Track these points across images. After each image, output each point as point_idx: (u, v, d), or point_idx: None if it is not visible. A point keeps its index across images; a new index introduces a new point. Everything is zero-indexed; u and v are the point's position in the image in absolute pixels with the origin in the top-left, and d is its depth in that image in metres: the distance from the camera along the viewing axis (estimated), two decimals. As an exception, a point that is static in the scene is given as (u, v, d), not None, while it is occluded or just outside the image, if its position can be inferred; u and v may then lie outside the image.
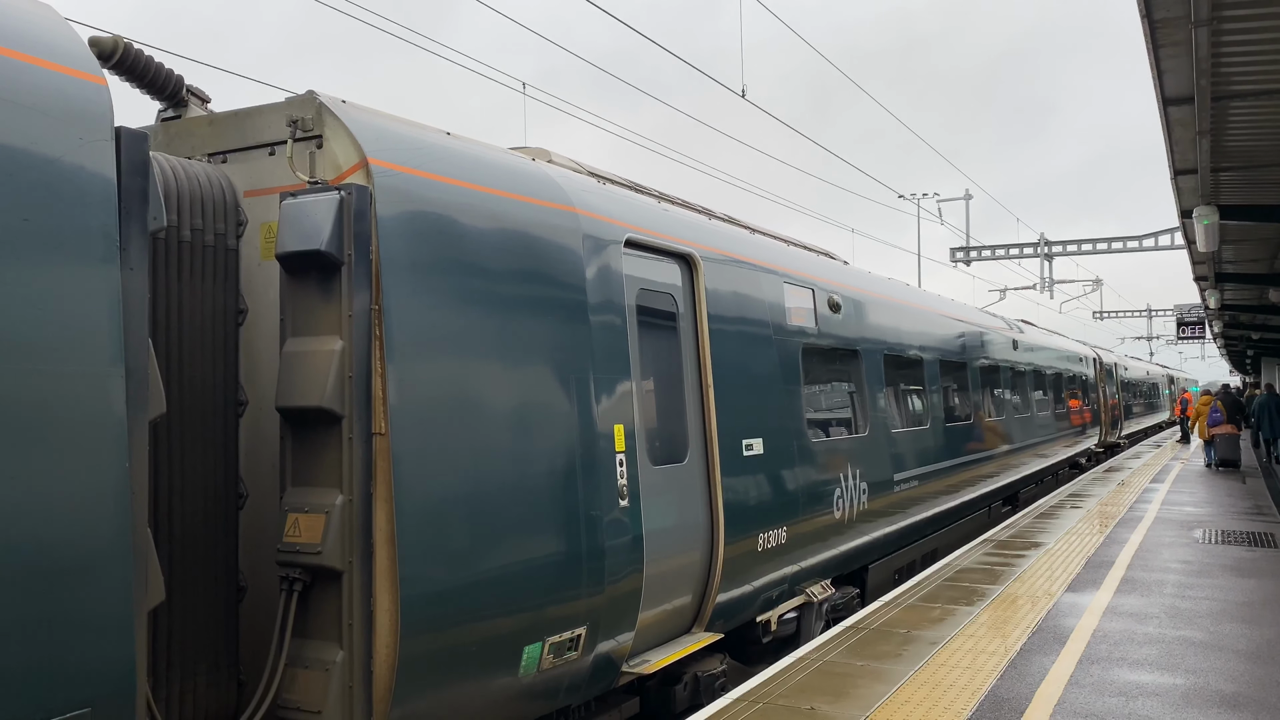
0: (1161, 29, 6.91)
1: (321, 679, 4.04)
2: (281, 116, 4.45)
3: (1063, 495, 16.14)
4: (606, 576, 5.19)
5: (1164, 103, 8.58)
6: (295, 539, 4.09)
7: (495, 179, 4.98)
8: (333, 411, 4.07)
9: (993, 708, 5.50)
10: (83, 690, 2.98)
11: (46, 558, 2.90)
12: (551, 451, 4.92)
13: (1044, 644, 6.80)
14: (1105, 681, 5.98)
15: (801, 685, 5.89)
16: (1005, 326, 16.09)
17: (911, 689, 5.82)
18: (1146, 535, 11.75)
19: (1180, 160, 10.50)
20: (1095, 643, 6.82)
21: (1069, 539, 11.48)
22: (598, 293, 5.44)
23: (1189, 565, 9.68)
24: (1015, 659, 6.42)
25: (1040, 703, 5.60)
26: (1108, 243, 28.73)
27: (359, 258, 4.15)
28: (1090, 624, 7.35)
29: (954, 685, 5.90)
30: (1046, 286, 32.46)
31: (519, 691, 4.78)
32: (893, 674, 6.11)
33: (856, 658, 6.46)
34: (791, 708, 5.49)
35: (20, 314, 2.92)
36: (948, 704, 5.56)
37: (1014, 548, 10.85)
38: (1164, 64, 7.61)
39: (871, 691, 5.78)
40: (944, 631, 7.13)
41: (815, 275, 8.41)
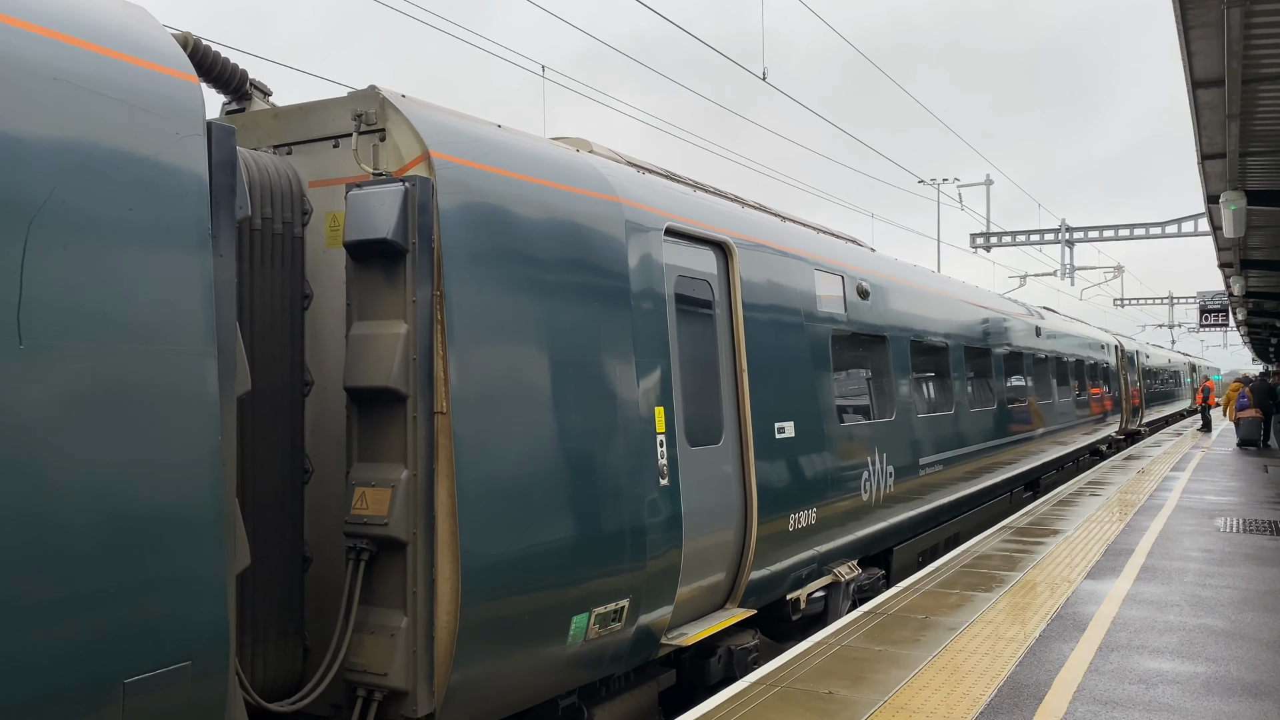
0: (1192, 9, 6.88)
1: (387, 644, 4.33)
2: (345, 111, 4.70)
3: (1082, 483, 16.22)
4: (648, 552, 5.46)
5: (1193, 85, 8.50)
6: (362, 511, 4.37)
7: (544, 170, 5.22)
8: (398, 391, 4.34)
9: (1011, 694, 5.53)
10: (184, 644, 3.27)
11: (154, 522, 3.19)
12: (598, 432, 5.18)
13: (1063, 631, 6.83)
14: (1125, 669, 6.00)
15: (820, 669, 5.95)
16: (1028, 313, 16.27)
17: (930, 674, 5.87)
18: (1167, 523, 11.75)
19: (1208, 144, 10.48)
20: (1115, 630, 6.85)
21: (1088, 526, 11.49)
22: (640, 280, 5.69)
23: (1210, 554, 9.71)
24: (1034, 645, 6.46)
25: (1060, 689, 5.61)
26: (1130, 229, 28.54)
27: (422, 246, 4.41)
28: (1110, 611, 7.39)
29: (972, 671, 5.94)
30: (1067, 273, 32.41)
31: (567, 659, 5.06)
32: (911, 659, 6.15)
33: (874, 642, 6.52)
34: (810, 691, 5.55)
35: (126, 297, 3.18)
36: (966, 689, 5.60)
37: (1033, 535, 10.87)
38: (1194, 45, 7.57)
39: (889, 676, 5.83)
40: (962, 617, 7.18)
41: (844, 262, 8.63)
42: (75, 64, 3.15)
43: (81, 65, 3.16)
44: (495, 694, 4.69)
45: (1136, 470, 18.40)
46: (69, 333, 2.99)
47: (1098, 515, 12.42)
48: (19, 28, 3.02)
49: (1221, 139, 10.08)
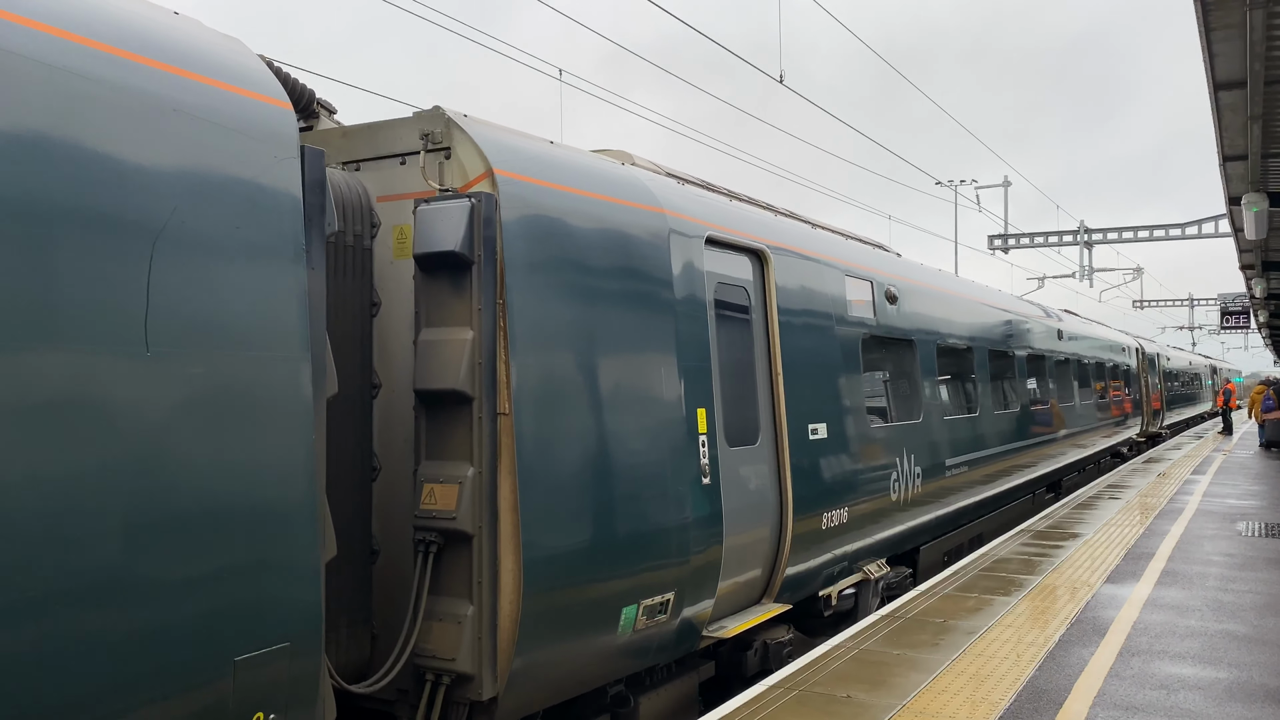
0: (1214, 11, 6.87)
1: (455, 630, 4.64)
2: (413, 130, 5.02)
3: (1101, 486, 16.21)
4: (692, 547, 5.76)
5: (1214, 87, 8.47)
6: (431, 506, 4.69)
7: (595, 184, 5.53)
8: (465, 393, 4.66)
9: (1031, 698, 5.51)
10: (284, 626, 3.58)
11: (259, 513, 3.50)
12: (646, 432, 5.49)
13: (1083, 635, 6.81)
14: (1146, 674, 5.98)
15: (838, 673, 5.97)
16: (1050, 316, 16.50)
17: (948, 678, 5.87)
18: (1188, 527, 11.65)
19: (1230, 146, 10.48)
20: (1135, 635, 6.82)
21: (1108, 530, 11.42)
22: (683, 287, 5.99)
23: (1232, 558, 9.64)
24: (1054, 650, 6.45)
25: (1079, 694, 5.57)
26: (1150, 230, 28.29)
27: (487, 258, 4.73)
28: (1130, 616, 7.35)
29: (991, 675, 5.92)
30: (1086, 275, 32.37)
31: (617, 649, 5.36)
32: (929, 663, 6.15)
33: (893, 646, 6.52)
34: (828, 695, 5.56)
35: (233, 308, 3.50)
36: (985, 694, 5.59)
37: (1052, 538, 10.82)
38: (1215, 47, 7.55)
39: (908, 680, 5.82)
40: (981, 621, 7.18)
41: (873, 268, 8.91)
42: (189, 96, 3.47)
43: (194, 97, 3.49)
44: (552, 680, 5.00)
45: (1157, 473, 18.38)
46: (186, 341, 3.32)
47: (1117, 519, 12.39)
48: (145, 64, 3.35)
49: (1243, 141, 10.09)
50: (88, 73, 3.14)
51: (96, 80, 3.16)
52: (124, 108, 3.23)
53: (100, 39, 3.23)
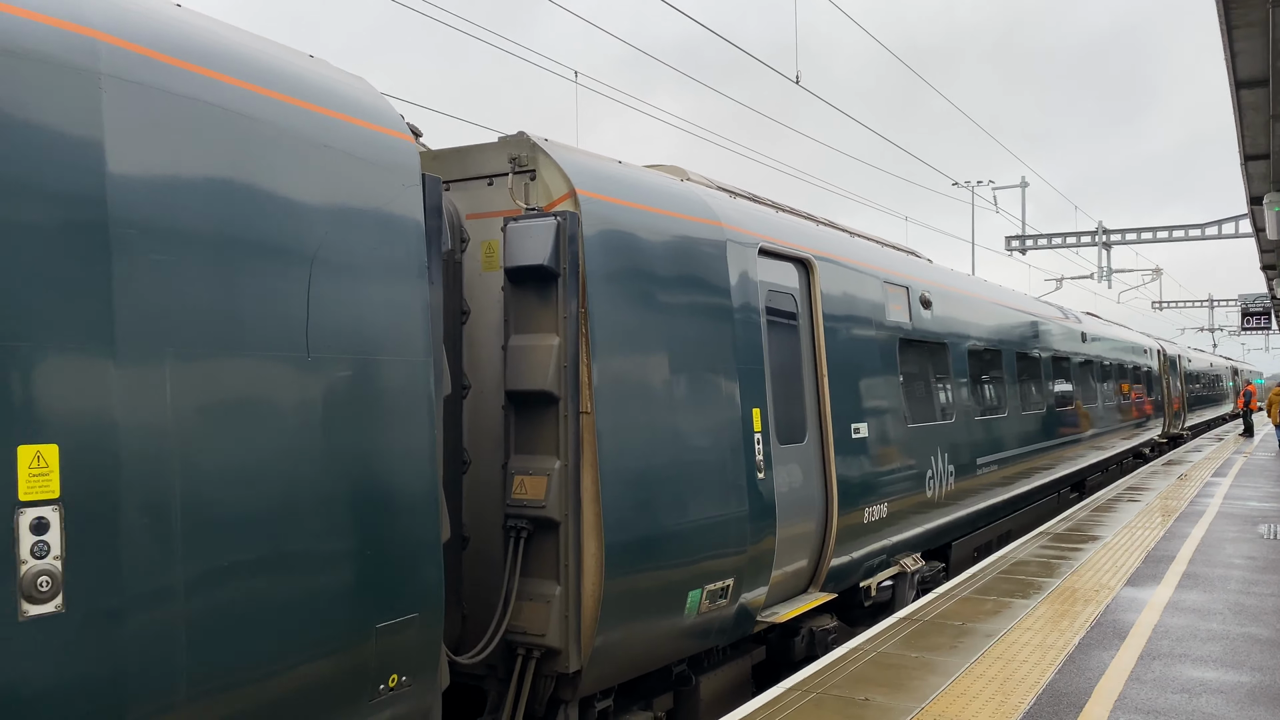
0: (1236, 9, 6.97)
1: (544, 609, 5.17)
2: (500, 154, 5.55)
3: (1121, 488, 16.32)
4: (749, 537, 6.28)
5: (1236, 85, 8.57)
6: (522, 496, 5.22)
7: (660, 200, 6.06)
8: (552, 394, 5.19)
9: (1051, 702, 5.51)
10: (414, 599, 4.12)
11: (393, 497, 4.04)
12: (709, 430, 6.01)
13: (1103, 638, 6.81)
14: (1167, 678, 5.98)
15: (856, 676, 6.03)
16: (1074, 319, 16.97)
17: (967, 681, 5.89)
18: (1209, 530, 11.61)
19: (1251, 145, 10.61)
20: (1156, 638, 6.82)
21: (1128, 532, 11.42)
22: (739, 295, 6.51)
23: (1254, 561, 9.63)
24: (1073, 653, 6.46)
25: (1100, 698, 5.58)
26: (1169, 231, 28.22)
27: (571, 270, 5.25)
28: (1151, 619, 7.36)
29: (1010, 678, 5.95)
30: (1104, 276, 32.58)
31: (683, 630, 5.89)
32: (948, 666, 6.19)
33: (911, 649, 6.57)
34: (846, 698, 5.60)
35: (372, 318, 4.04)
36: (1004, 697, 5.60)
37: (1071, 540, 10.81)
38: (1237, 45, 7.65)
39: (926, 684, 5.85)
40: (1000, 624, 7.20)
41: (909, 275, 9.42)
42: (332, 133, 4.00)
43: (336, 133, 4.02)
44: (627, 657, 5.52)
45: (1177, 475, 18.48)
46: (336, 347, 3.85)
47: (1137, 521, 12.40)
48: (298, 105, 3.88)
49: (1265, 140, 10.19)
50: (255, 115, 3.68)
51: (262, 122, 3.70)
52: (284, 146, 3.77)
53: (261, 84, 3.77)
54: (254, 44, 3.91)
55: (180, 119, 3.37)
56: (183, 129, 3.37)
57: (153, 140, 3.26)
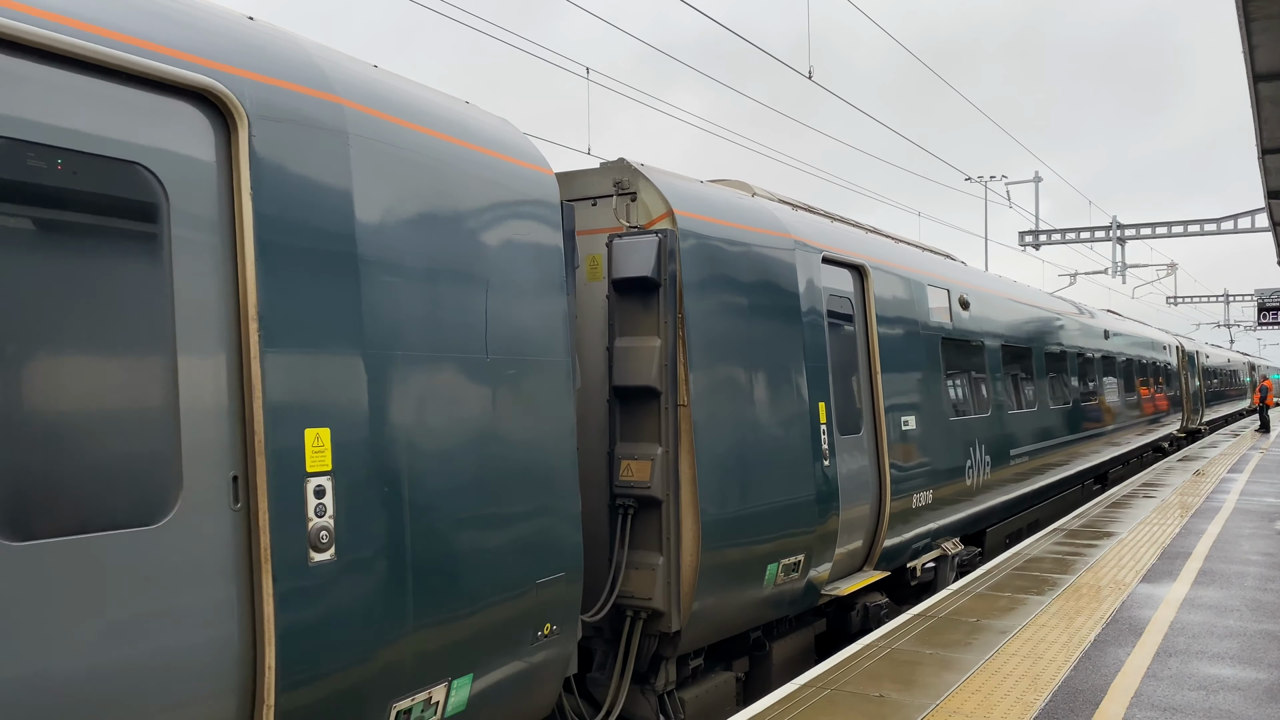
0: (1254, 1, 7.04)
1: (650, 576, 6.04)
2: (604, 178, 6.40)
3: (1136, 484, 16.53)
4: (817, 518, 7.14)
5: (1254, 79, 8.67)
6: (628, 478, 6.08)
7: (741, 216, 6.91)
8: (655, 389, 6.04)
9: (1066, 699, 5.57)
10: (560, 561, 4.97)
11: (546, 473, 4.89)
12: (785, 421, 6.87)
13: (1118, 635, 6.88)
14: (1184, 675, 6.03)
15: (870, 672, 6.13)
16: (1098, 317, 17.86)
17: (982, 678, 5.96)
18: (1225, 526, 11.67)
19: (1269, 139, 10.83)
20: (1173, 635, 6.87)
21: (1143, 529, 11.51)
22: (806, 300, 7.36)
23: (1270, 557, 9.70)
24: (1089, 650, 6.53)
25: (1116, 695, 5.62)
26: (1184, 226, 28.31)
27: (669, 281, 6.11)
28: (1167, 616, 7.41)
29: (1025, 675, 6.01)
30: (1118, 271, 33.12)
31: (761, 599, 6.75)
32: (962, 663, 6.26)
33: (925, 646, 6.66)
34: (860, 694, 5.69)
35: (529, 326, 4.89)
36: (1019, 694, 5.65)
37: (1085, 537, 10.91)
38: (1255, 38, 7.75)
39: (940, 680, 5.93)
40: (1014, 621, 7.29)
41: (949, 278, 10.27)
42: (497, 171, 4.85)
43: (499, 171, 4.87)
44: (717, 621, 6.39)
45: (1193, 471, 18.67)
46: (506, 349, 4.71)
47: (1152, 517, 12.50)
48: (473, 149, 4.73)
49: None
50: (446, 160, 4.53)
51: (451, 166, 4.55)
52: (466, 185, 4.62)
53: (448, 133, 4.62)
54: (436, 97, 4.76)
55: (398, 167, 4.23)
56: (400, 175, 4.23)
57: (381, 186, 4.12)
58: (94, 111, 3.18)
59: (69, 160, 3.11)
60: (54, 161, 3.08)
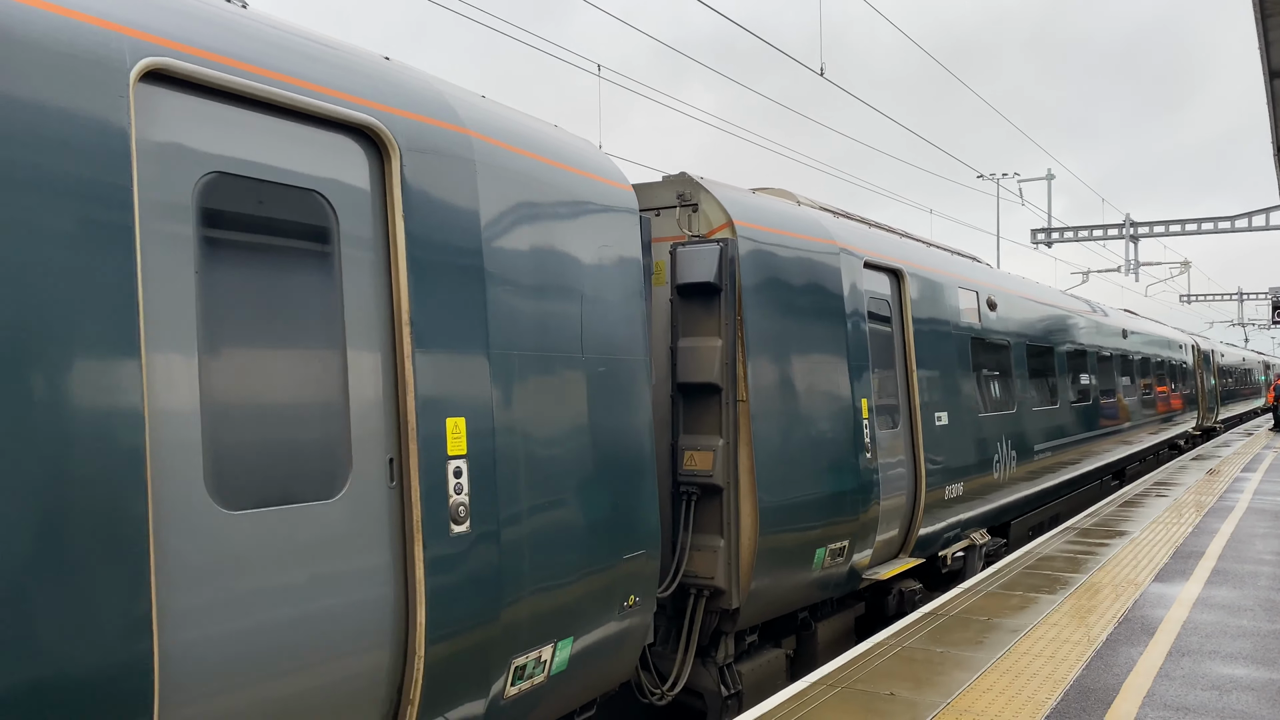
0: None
1: (712, 557, 6.65)
2: (667, 190, 7.01)
3: (1149, 483, 16.62)
4: (860, 506, 7.75)
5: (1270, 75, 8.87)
6: (692, 467, 6.69)
7: (792, 225, 7.51)
8: (716, 385, 6.65)
9: (1078, 698, 5.60)
10: (641, 540, 5.58)
11: (631, 460, 5.50)
12: (832, 415, 7.47)
13: (1131, 634, 6.93)
14: (1197, 674, 6.07)
15: (880, 670, 6.20)
16: (1116, 317, 18.46)
17: (993, 677, 6.01)
18: (1238, 525, 11.72)
19: None
20: (1185, 634, 6.91)
21: (1155, 528, 11.57)
22: (850, 303, 7.97)
23: None
24: (1101, 649, 6.57)
25: (1128, 694, 5.65)
26: (1197, 223, 28.64)
27: (729, 285, 6.71)
28: (1180, 615, 7.45)
29: (1037, 674, 6.05)
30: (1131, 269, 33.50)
31: (809, 582, 7.36)
32: (973, 661, 6.33)
33: (936, 644, 6.72)
34: (871, 692, 5.76)
35: (616, 328, 5.49)
36: (1031, 693, 5.69)
37: (1097, 536, 10.98)
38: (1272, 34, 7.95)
39: (951, 679, 5.98)
40: (1025, 620, 7.34)
41: (978, 280, 10.87)
42: (588, 188, 5.46)
43: (590, 189, 5.48)
44: (772, 600, 7.00)
45: (1206, 470, 18.74)
46: (596, 349, 5.32)
47: (1165, 516, 12.58)
48: (568, 170, 5.34)
49: None
50: (548, 180, 5.13)
51: (552, 185, 5.15)
52: (564, 202, 5.22)
53: (548, 156, 5.22)
54: (534, 123, 5.37)
55: (512, 189, 4.84)
56: (512, 196, 4.84)
57: (499, 206, 4.73)
58: (284, 148, 3.80)
59: (266, 190, 3.73)
60: (255, 191, 3.70)
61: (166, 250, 3.37)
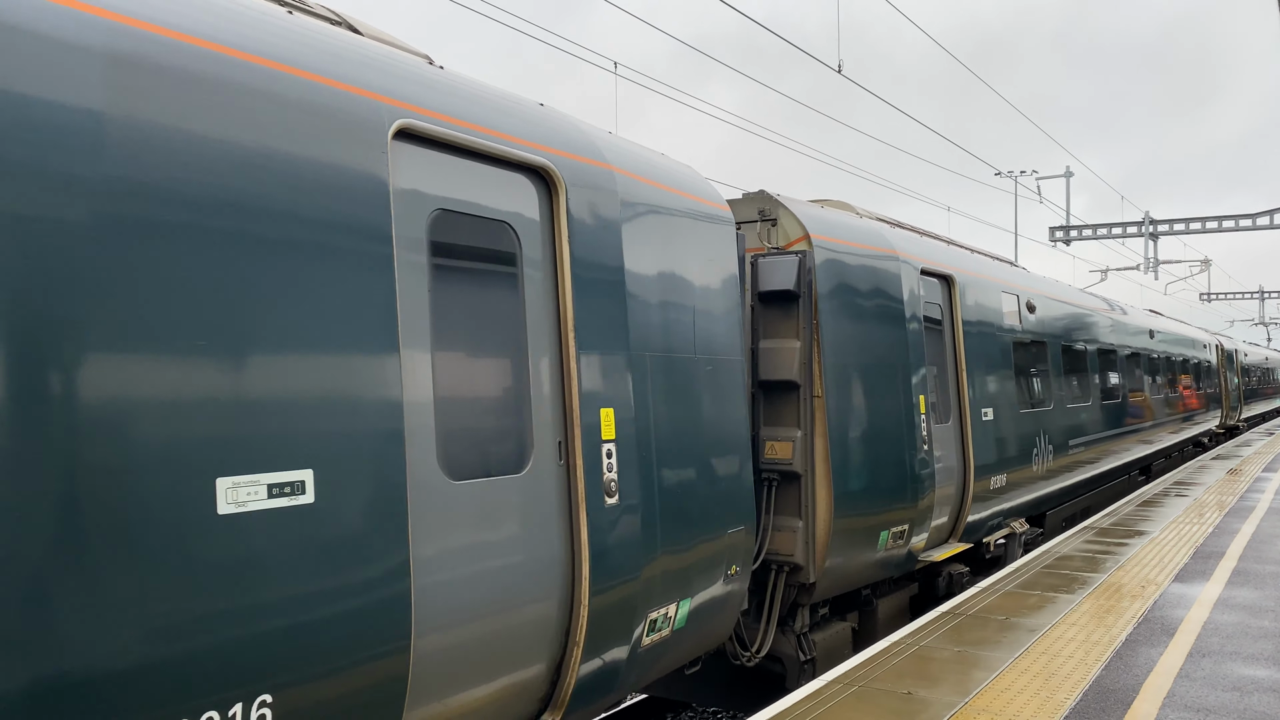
0: None
1: (791, 537, 7.55)
2: (748, 206, 7.91)
3: (1168, 483, 16.77)
4: (918, 494, 8.64)
5: None
6: (773, 456, 7.59)
7: (859, 237, 8.40)
8: (795, 382, 7.54)
9: (1098, 698, 5.63)
10: (741, 517, 6.48)
11: (735, 446, 6.40)
12: (895, 410, 8.37)
13: (1150, 635, 6.97)
14: (1218, 675, 6.09)
15: (898, 669, 6.26)
16: (1144, 318, 19.32)
17: (1011, 676, 6.05)
18: (1259, 526, 11.75)
19: None
20: (1206, 635, 6.92)
21: (1175, 528, 11.65)
22: (909, 307, 8.86)
23: None
24: (1120, 649, 6.62)
25: (1148, 695, 5.68)
26: (1218, 221, 29.03)
27: (806, 293, 7.61)
28: (1200, 616, 7.47)
29: (1056, 674, 6.09)
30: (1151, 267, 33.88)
31: (873, 562, 8.25)
32: (991, 661, 6.38)
33: (953, 643, 6.78)
34: (888, 691, 5.81)
35: (720, 333, 6.39)
36: (1049, 693, 5.71)
37: (1116, 535, 11.09)
38: None
39: (969, 678, 6.04)
40: (1044, 619, 7.41)
41: (1018, 284, 11.75)
42: (696, 209, 6.36)
43: (698, 209, 6.38)
44: (842, 576, 7.89)
45: (1226, 470, 18.89)
46: (705, 349, 6.22)
47: (1185, 516, 12.67)
48: (681, 195, 6.24)
49: None
50: (669, 206, 6.03)
51: (672, 210, 6.05)
52: (680, 224, 6.12)
53: (668, 184, 6.12)
54: (649, 154, 6.27)
55: (641, 213, 5.74)
56: (642, 219, 5.74)
57: (633, 229, 5.63)
58: (484, 187, 4.71)
59: (472, 223, 4.64)
60: (464, 224, 4.61)
61: (410, 274, 4.29)
